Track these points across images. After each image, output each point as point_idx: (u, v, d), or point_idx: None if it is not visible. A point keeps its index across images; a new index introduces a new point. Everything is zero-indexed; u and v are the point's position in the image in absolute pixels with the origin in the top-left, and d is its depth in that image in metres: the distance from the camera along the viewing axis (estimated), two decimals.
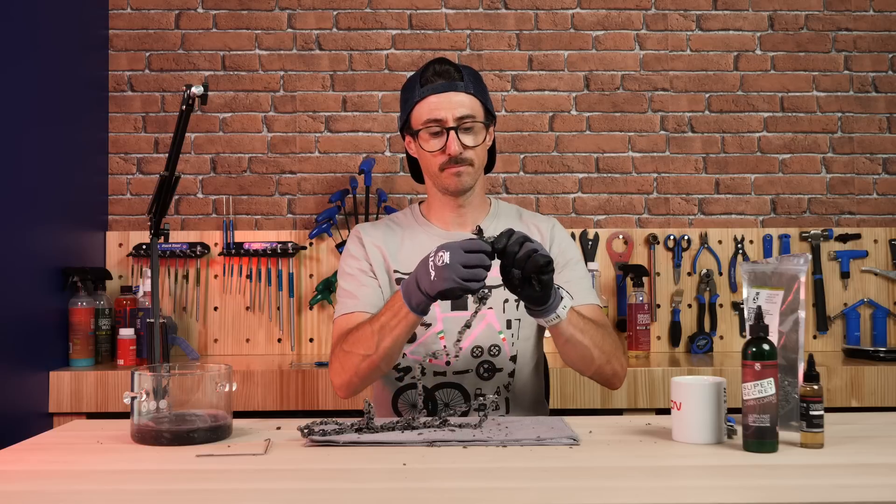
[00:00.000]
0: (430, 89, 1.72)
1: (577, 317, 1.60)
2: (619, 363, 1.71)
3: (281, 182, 2.95)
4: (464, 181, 1.73)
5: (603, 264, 2.92)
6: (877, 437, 1.47)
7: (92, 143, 2.86)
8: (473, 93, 1.74)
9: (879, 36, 3.00)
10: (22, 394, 2.29)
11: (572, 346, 1.62)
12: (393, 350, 1.60)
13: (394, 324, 1.57)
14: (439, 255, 1.47)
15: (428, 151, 1.73)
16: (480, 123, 1.74)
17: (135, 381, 1.43)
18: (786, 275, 1.50)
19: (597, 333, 1.65)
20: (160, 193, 1.99)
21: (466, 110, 1.71)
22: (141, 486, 1.18)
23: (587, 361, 1.66)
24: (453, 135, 1.69)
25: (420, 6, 2.98)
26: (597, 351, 1.64)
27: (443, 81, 1.72)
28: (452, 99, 1.71)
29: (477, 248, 1.46)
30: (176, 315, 2.85)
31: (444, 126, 1.70)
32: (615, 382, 1.73)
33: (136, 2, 2.95)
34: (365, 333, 1.60)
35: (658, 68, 2.99)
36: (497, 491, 1.15)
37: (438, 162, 1.72)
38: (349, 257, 1.81)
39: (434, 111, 1.71)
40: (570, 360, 1.68)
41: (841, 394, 2.40)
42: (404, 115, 1.78)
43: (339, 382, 1.67)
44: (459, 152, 1.70)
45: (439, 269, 1.46)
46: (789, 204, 2.99)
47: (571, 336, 1.60)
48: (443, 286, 1.46)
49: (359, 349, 1.61)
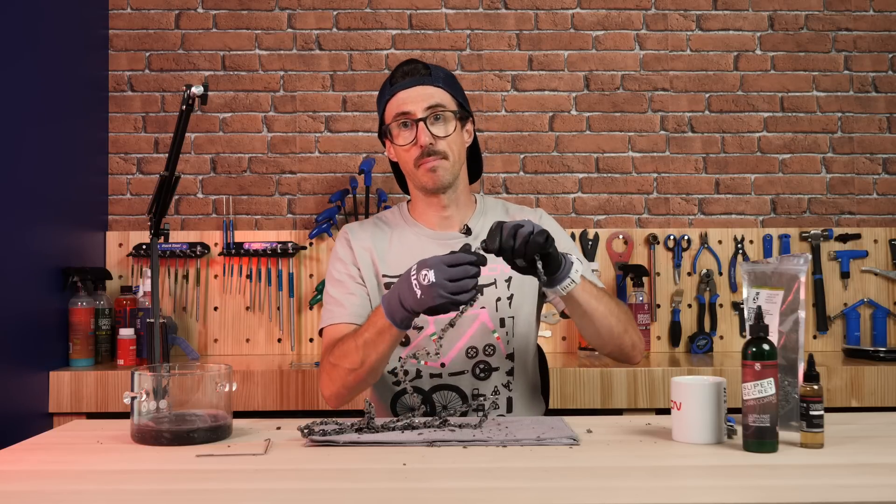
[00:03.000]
0: (399, 86, 1.72)
1: (590, 285, 1.61)
2: (636, 333, 1.71)
3: (281, 182, 2.95)
4: (440, 176, 1.71)
5: (603, 264, 2.92)
6: (877, 437, 1.47)
7: (92, 143, 2.86)
8: (442, 86, 1.74)
9: (879, 36, 3.00)
10: (22, 394, 2.29)
11: (590, 316, 1.61)
12: (378, 364, 1.60)
13: (378, 340, 1.56)
14: (423, 273, 1.44)
15: (400, 146, 1.73)
16: (450, 112, 1.73)
17: (135, 381, 1.43)
18: (786, 275, 1.50)
19: (611, 301, 1.65)
20: (160, 193, 1.99)
21: (435, 101, 1.71)
22: (141, 486, 1.18)
23: (607, 330, 1.64)
24: (422, 125, 1.69)
25: (420, 6, 2.98)
26: (614, 319, 1.64)
27: (411, 78, 1.73)
28: (420, 92, 1.71)
29: (460, 261, 1.44)
30: (176, 315, 2.85)
31: (413, 118, 1.70)
32: (635, 355, 1.72)
33: (136, 2, 2.95)
34: (350, 348, 1.60)
35: (658, 68, 2.99)
36: (497, 491, 1.15)
37: (412, 157, 1.72)
38: (337, 261, 1.79)
39: (402, 105, 1.71)
40: (589, 332, 1.67)
41: (841, 394, 2.40)
42: (380, 118, 1.79)
43: (329, 394, 1.67)
44: (429, 142, 1.69)
45: (425, 287, 1.44)
46: (789, 204, 2.99)
47: (588, 304, 1.59)
48: (432, 304, 1.44)
49: (345, 363, 1.61)
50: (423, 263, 1.47)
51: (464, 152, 1.79)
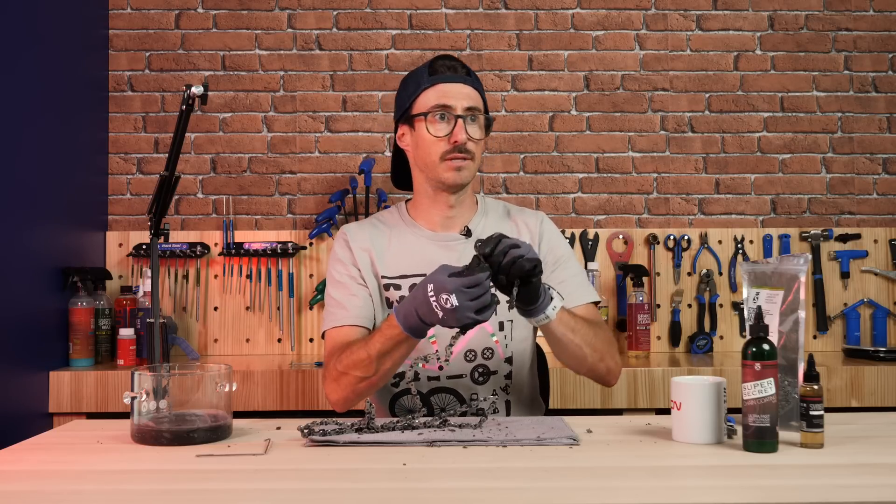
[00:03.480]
0: (441, 78, 1.71)
1: (567, 316, 1.60)
2: (612, 360, 1.71)
3: (281, 182, 2.95)
4: (463, 176, 1.72)
5: (603, 264, 2.92)
6: (877, 437, 1.47)
7: (92, 143, 2.86)
8: (479, 90, 1.75)
9: (879, 36, 3.00)
10: (22, 394, 2.29)
11: (563, 346, 1.63)
12: (392, 371, 1.60)
13: (393, 350, 1.55)
14: (443, 297, 1.42)
15: (433, 135, 1.70)
16: (483, 117, 1.74)
17: (135, 381, 1.43)
18: (786, 275, 1.49)
19: (588, 332, 1.65)
20: (160, 193, 1.99)
21: (474, 102, 1.72)
22: (141, 486, 1.18)
23: (579, 360, 1.66)
24: (461, 122, 1.68)
25: (420, 6, 2.98)
26: (588, 349, 1.64)
27: (453, 73, 1.72)
28: (463, 90, 1.71)
29: (476, 282, 1.43)
30: (176, 315, 2.85)
31: (453, 113, 1.69)
32: (610, 380, 1.73)
33: (136, 2, 2.95)
34: (361, 357, 1.57)
35: (658, 68, 2.99)
36: (497, 491, 1.15)
37: (440, 150, 1.70)
38: (337, 262, 1.78)
39: (443, 97, 1.70)
40: (562, 358, 1.69)
41: (841, 394, 2.40)
42: (406, 102, 1.75)
43: (336, 399, 1.65)
44: (466, 140, 1.69)
45: (448, 311, 1.42)
46: (789, 204, 2.99)
47: (563, 335, 1.60)
48: (457, 325, 1.45)
49: (357, 372, 1.59)
50: (442, 287, 1.43)
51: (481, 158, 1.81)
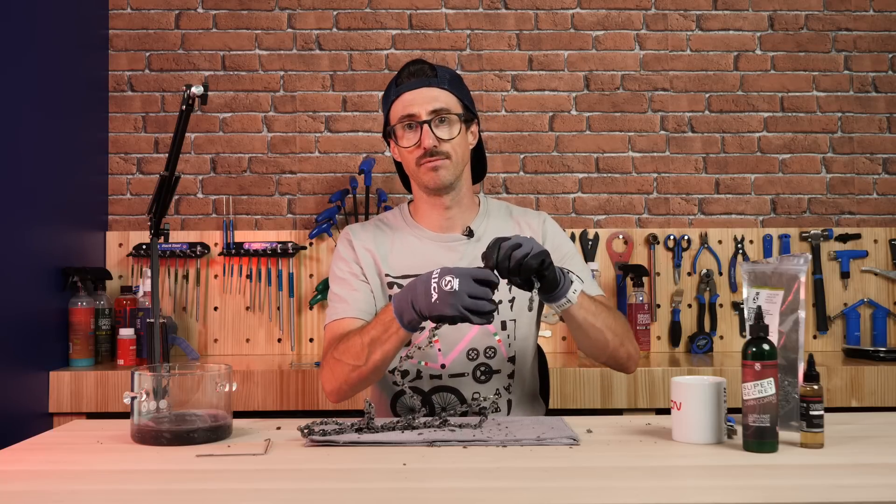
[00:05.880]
0: (405, 87, 1.72)
1: (588, 301, 1.61)
2: (632, 345, 1.72)
3: (281, 182, 2.95)
4: (441, 175, 1.71)
5: (603, 264, 2.92)
6: (877, 437, 1.47)
7: (92, 142, 2.86)
8: (448, 88, 1.74)
9: (879, 36, 3.00)
10: (22, 394, 2.29)
11: (585, 331, 1.63)
12: (382, 363, 1.60)
13: (384, 338, 1.56)
14: (446, 279, 1.44)
15: (404, 147, 1.73)
16: (454, 116, 1.72)
17: (135, 381, 1.43)
18: (786, 275, 1.50)
19: (609, 316, 1.66)
20: (160, 193, 1.99)
21: (440, 104, 1.71)
22: (141, 486, 1.18)
23: (601, 346, 1.66)
24: (426, 128, 1.69)
25: (420, 6, 2.98)
26: (610, 334, 1.65)
27: (416, 79, 1.73)
28: (426, 94, 1.71)
29: (486, 279, 1.44)
30: (176, 315, 2.85)
31: (418, 121, 1.70)
32: (630, 366, 1.74)
33: (136, 2, 2.95)
34: (355, 344, 1.59)
35: (658, 68, 2.99)
36: (497, 491, 1.15)
37: (415, 157, 1.71)
38: (340, 260, 1.79)
39: (408, 107, 1.71)
40: (584, 346, 1.69)
41: (841, 394, 2.40)
42: (385, 118, 1.79)
43: (330, 389, 1.67)
44: (433, 145, 1.69)
45: (444, 293, 1.43)
46: (789, 204, 2.99)
47: (584, 320, 1.60)
48: (443, 311, 1.44)
49: (349, 359, 1.60)
50: (449, 270, 1.46)
51: (467, 154, 1.79)
